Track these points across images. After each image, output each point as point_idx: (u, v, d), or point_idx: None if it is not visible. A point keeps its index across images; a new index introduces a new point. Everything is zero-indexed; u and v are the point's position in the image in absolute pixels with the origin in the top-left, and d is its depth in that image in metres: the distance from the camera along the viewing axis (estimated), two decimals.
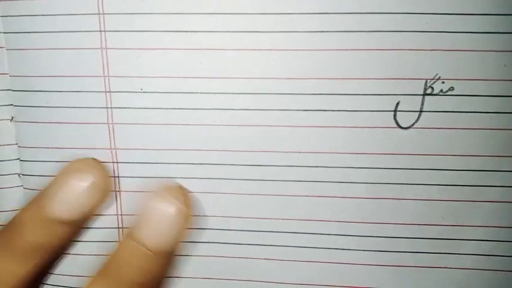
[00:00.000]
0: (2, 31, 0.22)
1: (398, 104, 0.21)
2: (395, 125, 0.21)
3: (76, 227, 0.20)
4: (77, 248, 0.24)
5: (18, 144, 0.23)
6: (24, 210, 0.20)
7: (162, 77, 0.21)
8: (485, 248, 0.22)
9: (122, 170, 0.22)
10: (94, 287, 0.19)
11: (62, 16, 0.21)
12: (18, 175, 0.24)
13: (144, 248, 0.20)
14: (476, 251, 0.22)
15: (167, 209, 0.20)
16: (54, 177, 0.20)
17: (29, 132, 0.22)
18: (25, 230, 0.19)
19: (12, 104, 0.23)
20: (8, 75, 0.22)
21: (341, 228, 0.22)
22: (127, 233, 0.20)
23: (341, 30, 0.20)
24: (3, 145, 0.23)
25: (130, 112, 0.22)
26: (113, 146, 0.22)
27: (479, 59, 0.20)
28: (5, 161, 0.23)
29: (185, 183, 0.22)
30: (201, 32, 0.20)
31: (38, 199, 0.20)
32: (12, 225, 0.20)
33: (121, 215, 0.23)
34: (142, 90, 0.21)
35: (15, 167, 0.23)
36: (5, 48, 0.22)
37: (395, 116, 0.21)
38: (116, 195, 0.23)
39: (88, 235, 0.23)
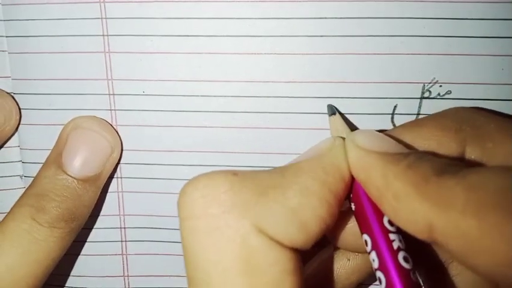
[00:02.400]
0: (4, 35, 0.23)
1: (395, 107, 0.22)
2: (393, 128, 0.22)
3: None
4: (80, 248, 0.25)
5: (20, 147, 0.24)
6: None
7: (164, 80, 0.22)
8: None
9: (125, 171, 0.23)
10: (20, 210, 0.20)
11: (66, 20, 0.22)
12: (20, 177, 0.24)
13: (68, 175, 0.21)
14: None
15: (91, 136, 0.22)
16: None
17: (32, 134, 0.23)
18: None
19: None
20: (10, 78, 0.23)
21: None
22: (50, 161, 0.22)
23: (339, 35, 0.21)
24: (6, 147, 0.24)
25: (132, 114, 0.23)
26: None
27: (476, 63, 0.21)
28: (7, 162, 0.24)
29: None
30: (202, 36, 0.21)
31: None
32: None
33: (124, 215, 0.24)
34: (144, 93, 0.22)
35: (18, 168, 0.24)
36: (7, 52, 0.23)
37: (392, 118, 0.22)
38: (118, 195, 0.24)
39: (91, 235, 0.24)
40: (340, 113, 0.21)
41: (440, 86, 0.21)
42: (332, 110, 0.21)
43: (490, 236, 0.12)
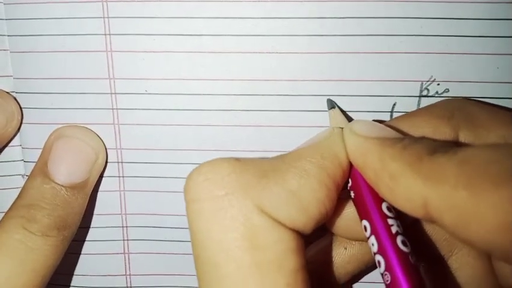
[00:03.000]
0: (6, 34, 0.23)
1: (394, 105, 0.22)
2: None
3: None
4: (82, 247, 0.25)
5: (22, 146, 0.24)
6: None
7: (166, 79, 0.22)
8: None
9: (127, 170, 0.24)
10: (10, 222, 0.21)
11: (68, 19, 0.22)
12: (22, 176, 0.25)
13: (55, 183, 0.22)
14: None
15: (75, 144, 0.22)
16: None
17: (33, 133, 0.24)
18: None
19: None
20: (12, 77, 0.23)
21: None
22: (36, 171, 0.22)
23: (339, 34, 0.21)
24: (7, 146, 0.24)
25: (135, 113, 0.23)
26: (118, 146, 0.23)
27: (473, 62, 0.21)
28: (9, 161, 0.24)
29: None
30: (204, 35, 0.22)
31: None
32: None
33: (126, 214, 0.24)
34: (146, 92, 0.22)
35: (19, 167, 0.24)
36: (9, 51, 0.23)
37: (391, 116, 0.22)
38: (120, 194, 0.24)
39: (93, 234, 0.24)
40: (339, 107, 0.21)
41: (438, 84, 0.22)
42: (332, 104, 0.21)
43: (480, 205, 0.12)
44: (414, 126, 0.18)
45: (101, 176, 0.24)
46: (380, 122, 0.18)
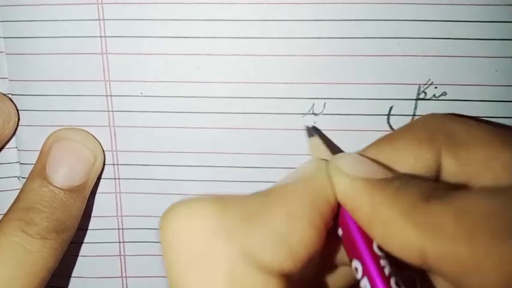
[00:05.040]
0: (1, 36, 0.23)
1: (391, 108, 0.22)
2: (389, 129, 0.22)
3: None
4: (79, 249, 0.25)
5: (18, 148, 0.24)
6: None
7: (161, 82, 0.22)
8: None
9: (123, 172, 0.24)
10: (8, 224, 0.21)
11: (63, 22, 0.22)
12: (18, 178, 0.25)
13: (54, 186, 0.22)
14: None
15: (73, 147, 0.23)
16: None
17: (29, 135, 0.24)
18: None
19: None
20: (7, 79, 0.23)
21: None
22: (35, 174, 0.23)
23: (336, 37, 0.21)
24: (4, 148, 0.24)
25: (130, 115, 0.23)
26: (114, 149, 0.24)
27: (471, 65, 0.22)
28: (4, 164, 0.25)
29: (184, 185, 0.24)
30: (199, 37, 0.22)
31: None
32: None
33: (121, 216, 0.25)
34: (142, 94, 0.23)
35: (15, 170, 0.25)
36: (4, 53, 0.23)
37: (388, 119, 0.22)
38: (116, 196, 0.24)
39: (89, 236, 0.25)
40: (319, 134, 0.21)
41: (436, 87, 0.22)
42: (311, 132, 0.21)
43: (482, 259, 0.12)
44: (396, 153, 0.17)
45: (97, 178, 0.24)
46: (361, 153, 0.18)
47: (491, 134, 0.17)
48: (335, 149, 0.20)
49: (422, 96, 0.22)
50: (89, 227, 0.25)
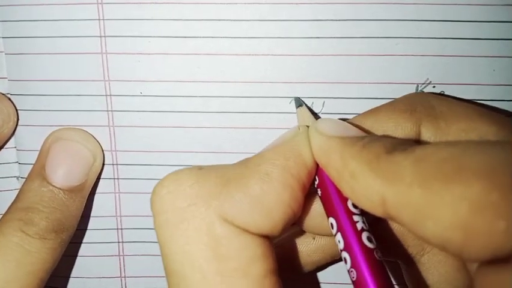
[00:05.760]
0: (1, 36, 0.23)
1: None
2: None
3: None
4: (77, 249, 0.25)
5: (17, 148, 0.24)
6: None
7: (161, 81, 0.23)
8: None
9: (122, 172, 0.24)
10: (7, 225, 0.21)
11: (63, 21, 0.22)
12: (17, 178, 0.25)
13: (53, 186, 0.22)
14: None
15: (72, 147, 0.23)
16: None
17: (28, 135, 0.24)
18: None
19: None
20: (6, 79, 0.23)
21: None
22: (34, 174, 0.23)
23: (335, 37, 0.22)
24: (3, 148, 0.24)
25: (130, 115, 0.23)
26: (113, 148, 0.24)
27: (469, 64, 0.22)
28: (3, 163, 0.25)
29: None
30: (199, 37, 0.22)
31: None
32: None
33: (120, 216, 0.25)
34: (141, 94, 0.23)
35: (14, 169, 0.25)
36: (3, 53, 0.23)
37: None
38: (115, 196, 0.24)
39: (88, 236, 0.25)
40: (307, 106, 0.22)
41: (434, 86, 0.22)
42: (299, 102, 0.22)
43: (434, 203, 0.13)
44: (378, 122, 0.18)
45: (96, 178, 0.24)
46: (346, 120, 0.19)
47: (470, 108, 0.18)
48: None
49: None
50: (88, 227, 0.25)
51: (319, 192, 0.18)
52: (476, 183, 0.12)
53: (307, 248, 0.21)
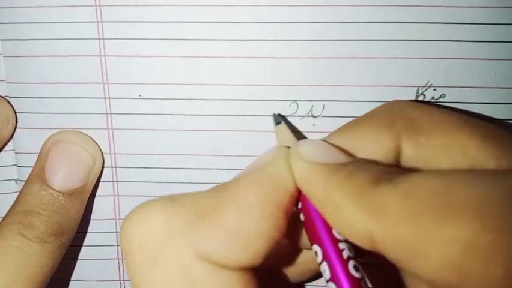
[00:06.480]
0: None
1: None
2: None
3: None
4: (76, 252, 0.25)
5: (15, 150, 0.24)
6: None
7: (160, 84, 0.23)
8: None
9: (121, 175, 0.24)
10: (7, 228, 0.21)
11: (61, 24, 0.22)
12: (16, 181, 0.25)
13: (53, 189, 0.22)
14: None
15: (72, 150, 0.23)
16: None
17: (27, 138, 0.24)
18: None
19: None
20: (5, 82, 0.23)
21: None
22: (34, 177, 0.23)
23: (335, 39, 0.22)
24: (1, 151, 0.24)
25: (129, 118, 0.23)
26: (112, 151, 0.24)
27: (469, 67, 0.22)
28: (2, 166, 0.25)
29: (183, 188, 0.24)
30: (199, 40, 0.22)
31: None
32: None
33: (120, 219, 0.25)
34: (140, 97, 0.23)
35: (13, 173, 0.25)
36: (2, 55, 0.23)
37: None
38: (114, 199, 0.24)
39: (87, 239, 0.25)
40: (286, 122, 0.21)
41: (435, 89, 0.22)
42: (278, 120, 0.21)
43: (424, 241, 0.12)
44: (357, 139, 0.18)
45: (95, 181, 0.24)
46: (324, 139, 0.18)
47: (450, 120, 0.17)
48: (302, 138, 0.20)
49: (421, 98, 0.22)
50: (88, 230, 0.25)
51: (302, 217, 0.17)
52: (468, 222, 0.12)
53: (305, 258, 0.21)
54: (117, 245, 0.25)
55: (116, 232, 0.25)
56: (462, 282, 0.12)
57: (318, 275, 0.23)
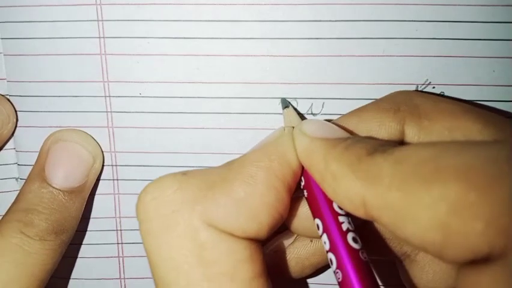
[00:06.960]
0: (0, 37, 0.23)
1: None
2: None
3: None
4: (77, 250, 0.25)
5: (16, 149, 0.24)
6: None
7: (160, 82, 0.23)
8: None
9: (122, 173, 0.24)
10: (7, 226, 0.21)
11: (62, 22, 0.22)
12: (16, 179, 0.25)
13: (53, 187, 0.22)
14: None
15: (72, 148, 0.23)
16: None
17: (27, 136, 0.24)
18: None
19: None
20: (5, 80, 0.24)
21: None
22: (34, 176, 0.23)
23: (334, 37, 0.22)
24: (1, 149, 0.24)
25: (129, 116, 0.23)
26: (113, 150, 0.24)
27: (468, 65, 0.22)
28: (2, 165, 0.25)
29: None
30: (199, 38, 0.22)
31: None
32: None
33: (120, 217, 0.25)
34: (140, 95, 0.23)
35: (13, 171, 0.25)
36: (2, 54, 0.23)
37: None
38: (115, 197, 0.24)
39: (87, 238, 0.25)
40: (293, 107, 0.22)
41: (434, 87, 0.22)
42: (285, 103, 0.22)
43: (413, 205, 0.13)
44: (362, 122, 0.18)
45: (96, 179, 0.24)
46: (331, 120, 0.19)
47: (454, 106, 0.18)
48: None
49: None
50: (88, 229, 0.25)
51: (305, 193, 0.18)
52: (454, 183, 0.12)
53: (306, 251, 0.21)
54: (117, 243, 0.25)
55: (117, 230, 0.25)
56: (447, 242, 0.12)
57: (318, 271, 0.23)
